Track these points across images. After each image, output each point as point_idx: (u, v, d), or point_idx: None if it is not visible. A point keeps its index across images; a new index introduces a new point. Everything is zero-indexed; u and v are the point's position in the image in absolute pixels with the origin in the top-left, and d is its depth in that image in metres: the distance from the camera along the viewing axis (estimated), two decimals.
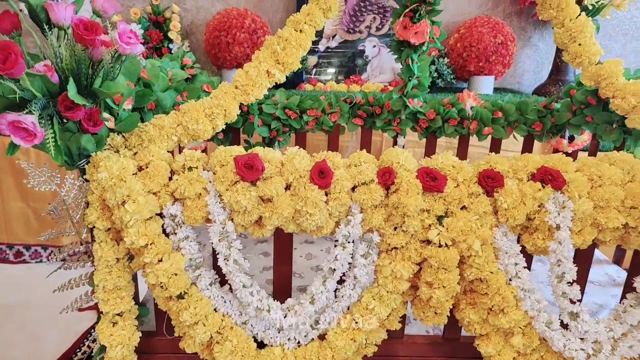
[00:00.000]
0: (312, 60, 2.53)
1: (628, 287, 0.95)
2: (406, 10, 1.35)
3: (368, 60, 2.52)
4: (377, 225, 0.87)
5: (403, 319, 0.99)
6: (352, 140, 1.60)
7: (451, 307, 0.93)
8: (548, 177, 0.85)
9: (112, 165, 0.81)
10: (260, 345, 0.95)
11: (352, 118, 1.55)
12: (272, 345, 0.94)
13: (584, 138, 1.50)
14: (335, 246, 0.88)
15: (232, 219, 0.87)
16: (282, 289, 0.97)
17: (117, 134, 0.88)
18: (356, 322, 0.90)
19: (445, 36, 1.43)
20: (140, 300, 1.06)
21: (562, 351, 0.91)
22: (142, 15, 2.38)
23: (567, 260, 0.87)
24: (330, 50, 2.54)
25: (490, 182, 0.85)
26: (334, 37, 2.53)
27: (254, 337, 0.95)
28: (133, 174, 0.84)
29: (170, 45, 2.40)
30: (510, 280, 0.89)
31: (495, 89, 2.60)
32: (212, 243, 0.87)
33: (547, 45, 2.61)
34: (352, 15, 2.51)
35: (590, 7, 2.32)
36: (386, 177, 0.85)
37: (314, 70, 2.54)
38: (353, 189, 0.87)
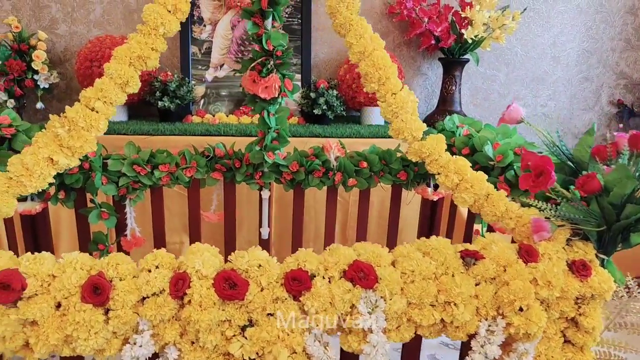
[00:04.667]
0: (200, 90, 2.38)
1: None
2: (253, 64, 1.25)
3: None
4: (172, 340, 0.75)
5: None
6: (216, 194, 1.48)
7: None
8: (359, 275, 0.78)
9: None
10: None
11: (210, 172, 1.43)
12: None
13: None
14: None
15: None
16: None
17: None
18: None
19: (299, 89, 1.35)
20: None
21: None
22: (2, 43, 2.11)
23: None
24: (218, 80, 2.39)
25: (296, 285, 0.76)
26: (221, 66, 2.39)
27: None
28: None
29: (36, 77, 2.15)
30: None
31: None
32: None
33: (436, 75, 2.64)
34: (239, 44, 2.39)
35: (470, 41, 2.36)
36: (179, 286, 0.74)
37: (202, 101, 2.39)
38: (144, 299, 0.75)
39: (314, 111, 2.32)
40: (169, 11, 0.85)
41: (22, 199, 1.32)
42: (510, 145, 1.13)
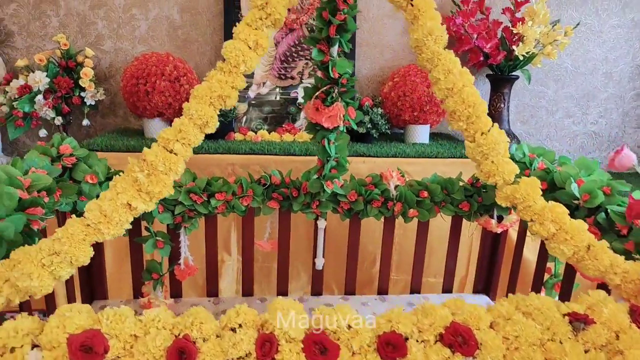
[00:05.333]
0: (242, 107, 2.34)
1: None
2: (318, 92, 1.19)
3: (301, 107, 2.36)
4: None
5: None
6: (269, 222, 1.43)
7: None
8: (458, 341, 0.71)
9: None
10: None
11: (267, 201, 1.38)
12: None
13: (513, 219, 1.39)
14: None
15: None
16: None
17: None
18: None
19: (361, 117, 1.29)
20: None
21: None
22: (51, 60, 2.11)
23: None
24: (261, 96, 2.36)
25: (390, 350, 0.70)
26: (264, 83, 2.35)
27: None
28: None
29: (82, 94, 2.15)
30: None
31: (433, 134, 2.52)
32: None
33: (481, 91, 2.54)
34: (283, 61, 2.35)
35: (521, 58, 2.27)
36: (266, 350, 0.68)
37: (245, 118, 2.36)
38: None
39: (357, 129, 2.25)
40: (250, 47, 0.80)
41: None
42: (596, 184, 1.04)
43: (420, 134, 2.32)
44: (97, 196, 1.22)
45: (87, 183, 1.15)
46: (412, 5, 0.82)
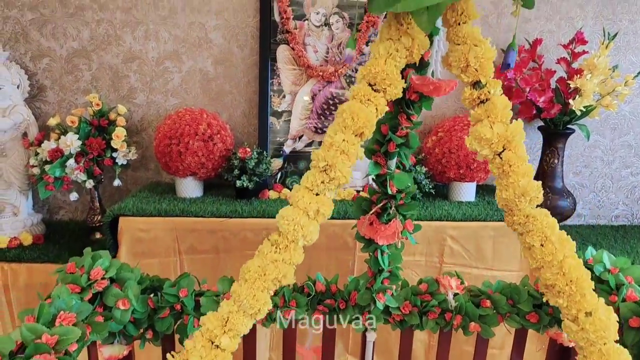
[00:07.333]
0: (277, 163, 2.22)
1: None
2: (375, 208, 1.05)
3: None
4: None
5: None
6: (312, 332, 1.30)
7: None
8: None
9: None
10: None
11: (311, 312, 1.24)
12: None
13: None
14: None
15: None
16: None
17: None
18: None
19: (420, 228, 1.14)
20: None
21: None
22: (83, 120, 2.04)
23: None
24: (296, 152, 2.23)
25: None
26: (300, 137, 2.22)
27: None
28: None
29: (114, 154, 2.06)
30: None
31: (478, 188, 2.34)
32: None
33: (532, 145, 2.36)
34: (320, 115, 2.21)
35: (579, 113, 2.07)
36: None
37: (279, 174, 2.23)
38: None
39: None
40: (310, 217, 0.67)
41: (108, 342, 1.19)
42: None
43: (466, 191, 2.15)
44: (132, 313, 1.13)
45: (119, 309, 1.04)
46: (500, 158, 0.67)
